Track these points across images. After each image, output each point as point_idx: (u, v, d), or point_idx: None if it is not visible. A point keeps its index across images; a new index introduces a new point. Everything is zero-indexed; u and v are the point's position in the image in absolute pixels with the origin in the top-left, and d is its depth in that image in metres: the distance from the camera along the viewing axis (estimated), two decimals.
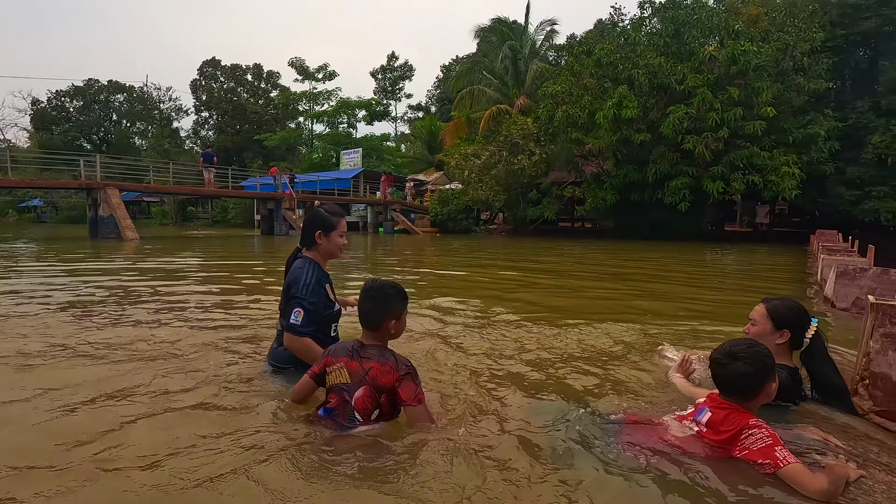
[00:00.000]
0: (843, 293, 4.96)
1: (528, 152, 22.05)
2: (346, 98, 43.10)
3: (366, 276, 7.23)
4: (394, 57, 54.10)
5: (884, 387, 2.23)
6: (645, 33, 20.16)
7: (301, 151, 45.12)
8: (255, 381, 2.49)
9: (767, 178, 17.15)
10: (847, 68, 20.82)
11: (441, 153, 33.79)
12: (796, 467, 1.57)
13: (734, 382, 1.77)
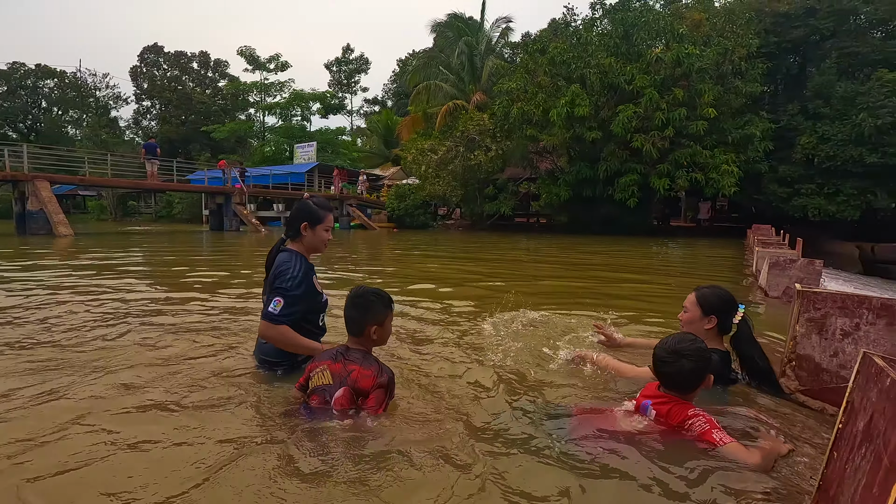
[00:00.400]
0: (774, 283, 5.31)
1: (484, 148, 22.25)
2: (300, 90, 41.91)
3: (325, 273, 7.09)
4: (349, 49, 53.15)
5: (808, 367, 2.40)
6: (596, 34, 20.75)
7: (252, 144, 43.55)
8: (230, 377, 2.44)
9: (709, 175, 18.10)
10: (779, 73, 22.23)
11: (398, 148, 33.55)
12: (732, 446, 1.67)
13: (679, 378, 1.86)
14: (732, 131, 18.68)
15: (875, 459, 1.03)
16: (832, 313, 2.33)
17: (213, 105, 46.35)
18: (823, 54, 20.76)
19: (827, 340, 2.34)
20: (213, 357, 2.80)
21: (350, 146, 40.81)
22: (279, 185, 27.83)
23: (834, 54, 20.25)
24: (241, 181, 22.44)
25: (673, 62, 17.99)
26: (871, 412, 1.13)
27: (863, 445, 1.13)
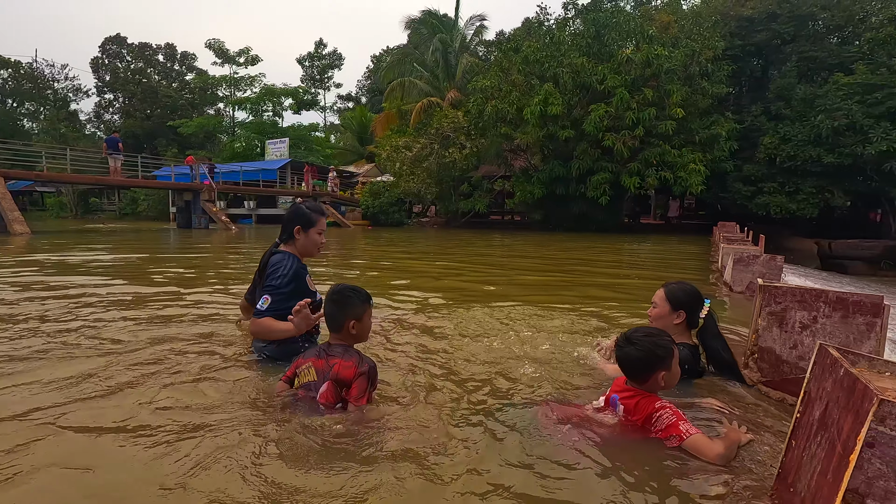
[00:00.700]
0: (739, 278, 5.49)
1: (459, 146, 22.27)
2: (271, 85, 41.14)
3: None
4: (322, 44, 52.40)
5: (769, 359, 2.49)
6: (569, 34, 21.01)
7: (222, 140, 42.49)
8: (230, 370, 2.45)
9: (677, 174, 18.57)
10: (743, 75, 22.98)
11: (372, 145, 33.27)
12: (697, 437, 1.71)
13: (625, 365, 1.91)
14: (699, 131, 19.21)
15: (829, 447, 1.07)
16: (792, 307, 2.42)
17: (179, 99, 45.00)
18: (784, 58, 21.55)
19: (787, 333, 2.43)
20: (195, 353, 2.72)
21: (323, 143, 40.27)
22: (250, 182, 27.26)
23: (794, 58, 21.05)
24: (210, 178, 21.87)
25: (643, 63, 18.37)
26: (827, 401, 1.17)
27: (818, 434, 1.17)
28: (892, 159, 17.08)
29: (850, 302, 2.29)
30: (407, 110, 29.62)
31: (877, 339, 2.25)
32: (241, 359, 2.68)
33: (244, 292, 3.24)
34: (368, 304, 2.11)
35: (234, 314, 3.78)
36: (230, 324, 3.51)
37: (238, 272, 6.85)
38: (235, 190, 26.46)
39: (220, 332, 3.25)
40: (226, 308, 4.11)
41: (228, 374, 2.43)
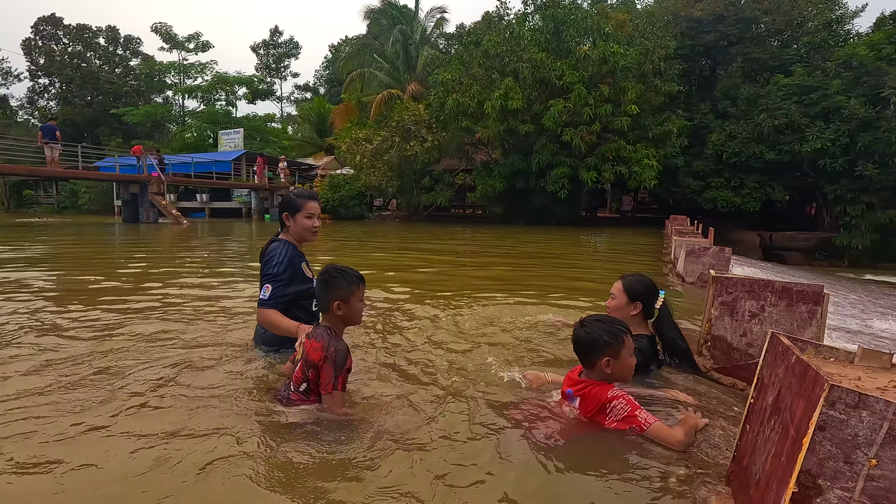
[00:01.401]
0: (690, 269, 5.74)
1: (420, 139, 22.14)
2: (224, 73, 39.48)
3: (243, 270, 6.76)
4: (277, 32, 50.74)
5: (721, 347, 2.61)
6: (528, 29, 21.21)
7: (171, 129, 40.50)
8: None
9: (632, 169, 19.18)
10: (693, 74, 23.90)
11: (331, 137, 32.57)
12: (656, 426, 1.77)
13: (576, 347, 1.97)
14: (653, 127, 19.88)
15: (783, 431, 1.13)
16: (742, 296, 2.54)
17: (124, 86, 42.46)
18: (730, 58, 22.57)
19: (737, 322, 2.55)
20: (174, 351, 2.57)
21: (280, 134, 39.10)
22: (203, 174, 26.13)
23: (739, 59, 22.08)
24: (160, 169, 20.83)
25: (599, 60, 18.79)
26: (779, 387, 1.23)
27: (772, 418, 1.23)
28: (825, 157, 18.25)
29: (794, 291, 2.43)
30: (367, 102, 29.13)
31: (817, 325, 2.40)
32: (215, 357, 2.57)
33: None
34: (356, 285, 2.04)
35: (204, 310, 3.62)
36: (182, 324, 3.36)
37: (197, 267, 6.56)
38: (187, 182, 25.35)
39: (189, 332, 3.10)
40: (185, 300, 3.93)
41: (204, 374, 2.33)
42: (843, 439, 0.94)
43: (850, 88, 18.28)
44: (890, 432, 0.90)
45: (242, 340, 2.94)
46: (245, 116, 38.55)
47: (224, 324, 3.40)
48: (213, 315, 3.66)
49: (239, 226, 19.17)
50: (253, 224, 21.09)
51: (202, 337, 3.05)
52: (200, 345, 2.88)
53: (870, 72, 18.12)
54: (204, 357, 2.64)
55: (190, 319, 3.50)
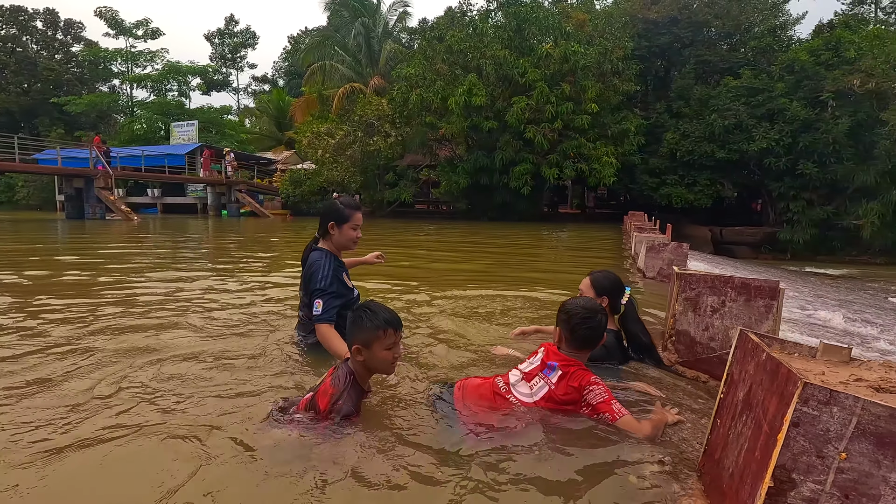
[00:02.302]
0: (651, 264, 5.93)
1: (383, 134, 21.90)
2: (176, 62, 37.71)
3: (201, 270, 6.52)
4: (233, 20, 48.93)
5: (685, 341, 2.70)
6: (491, 25, 21.32)
7: (118, 120, 38.41)
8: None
9: (592, 166, 19.66)
10: (649, 75, 24.69)
11: (292, 130, 31.76)
12: (627, 419, 1.81)
13: (593, 335, 2.00)
14: (612, 126, 20.43)
15: (756, 426, 1.17)
16: (704, 292, 2.63)
17: (65, 73, 39.92)
18: (684, 60, 23.45)
19: (700, 317, 2.65)
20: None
21: (237, 126, 37.80)
22: (154, 168, 24.95)
23: (692, 61, 22.97)
24: (106, 162, 19.74)
25: (561, 58, 19.12)
26: (750, 383, 1.28)
27: (744, 413, 1.27)
28: (770, 156, 19.27)
29: (752, 287, 2.54)
30: (328, 95, 28.54)
31: (773, 319, 2.52)
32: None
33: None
34: (382, 330, 1.77)
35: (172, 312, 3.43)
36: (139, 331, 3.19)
37: (150, 265, 6.24)
38: (136, 176, 24.18)
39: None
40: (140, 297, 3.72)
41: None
42: (816, 434, 0.98)
43: (793, 91, 19.37)
44: (858, 426, 0.94)
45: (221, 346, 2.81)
46: (199, 108, 37.00)
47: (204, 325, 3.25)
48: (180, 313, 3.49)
49: (195, 222, 18.41)
50: (209, 221, 20.32)
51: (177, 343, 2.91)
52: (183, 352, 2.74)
53: (810, 76, 19.25)
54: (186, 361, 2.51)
55: (162, 327, 3.33)
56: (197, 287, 4.85)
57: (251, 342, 2.94)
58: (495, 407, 1.94)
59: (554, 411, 1.90)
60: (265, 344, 2.88)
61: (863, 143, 18.20)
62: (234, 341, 2.96)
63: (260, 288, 4.85)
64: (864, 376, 1.22)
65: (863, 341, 5.50)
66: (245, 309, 3.85)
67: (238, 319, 3.50)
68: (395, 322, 1.81)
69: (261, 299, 4.26)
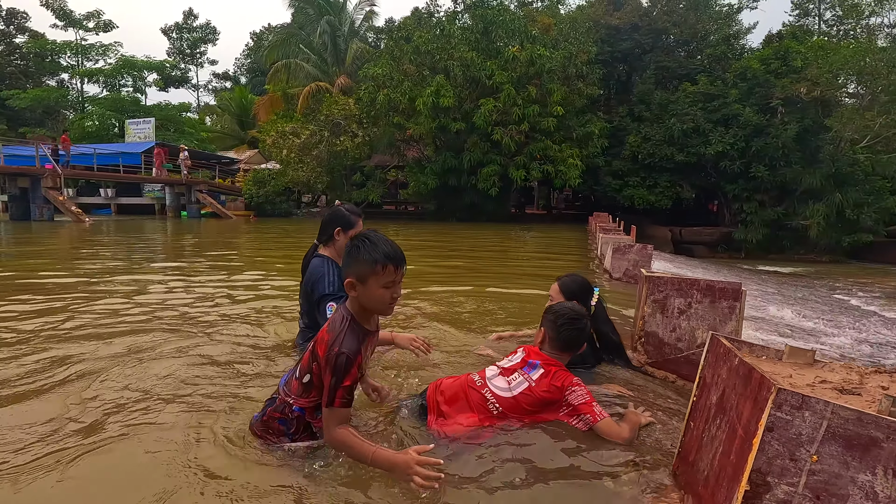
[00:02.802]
0: (617, 265, 6.07)
1: (350, 134, 21.64)
2: (131, 56, 36.09)
3: (160, 273, 6.26)
4: (192, 15, 47.29)
5: (654, 343, 2.77)
6: (458, 27, 21.40)
7: (67, 117, 36.48)
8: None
9: (558, 167, 20.01)
10: (612, 79, 25.35)
11: (255, 129, 30.96)
12: (608, 422, 1.84)
13: (582, 338, 2.05)
14: (576, 128, 20.86)
15: (730, 430, 1.20)
16: (671, 294, 2.71)
17: (7, 65, 37.66)
18: (644, 66, 24.20)
19: (668, 318, 2.72)
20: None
21: (197, 124, 36.51)
22: (106, 167, 23.81)
23: (652, 66, 23.73)
24: (55, 161, 18.71)
25: (527, 61, 19.39)
26: (723, 388, 1.31)
27: (717, 417, 1.31)
28: (725, 159, 20.13)
29: (716, 288, 2.63)
30: (293, 94, 27.96)
31: (737, 319, 2.62)
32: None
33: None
34: (381, 265, 1.55)
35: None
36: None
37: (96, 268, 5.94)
38: (88, 175, 23.01)
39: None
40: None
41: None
42: (789, 438, 1.01)
43: (746, 98, 20.29)
44: (828, 430, 0.98)
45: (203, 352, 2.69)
46: (156, 105, 35.55)
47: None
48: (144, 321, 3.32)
49: (152, 224, 17.66)
50: (168, 222, 19.54)
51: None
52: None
53: (761, 83, 20.21)
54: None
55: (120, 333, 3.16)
56: (157, 291, 4.65)
57: (236, 348, 2.83)
58: (468, 401, 1.90)
59: (525, 411, 1.89)
60: (253, 353, 2.79)
61: (809, 147, 19.25)
62: (212, 347, 2.85)
63: (230, 289, 4.69)
64: (828, 378, 1.28)
65: (811, 335, 5.81)
66: (229, 312, 3.71)
67: (229, 324, 3.37)
68: (395, 257, 1.58)
69: (231, 302, 4.12)
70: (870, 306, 9.53)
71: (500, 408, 1.89)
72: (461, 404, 1.91)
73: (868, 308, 9.26)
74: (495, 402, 1.90)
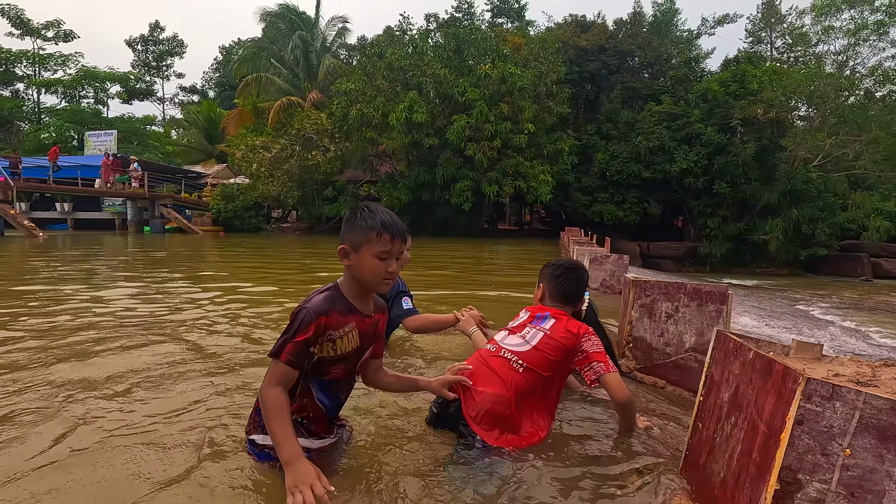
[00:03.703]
0: (594, 276, 6.10)
1: (322, 148, 21.44)
2: (92, 67, 34.94)
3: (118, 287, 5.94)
4: (158, 27, 46.34)
5: (642, 348, 2.73)
6: (431, 45, 21.65)
7: (21, 128, 34.88)
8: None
9: (530, 183, 20.29)
10: (580, 98, 26.07)
11: (223, 143, 30.32)
12: (616, 376, 1.83)
13: (581, 287, 2.10)
14: (547, 145, 21.27)
15: (749, 427, 1.14)
16: (659, 299, 2.69)
17: None
18: (611, 86, 25.00)
19: (655, 323, 2.69)
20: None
21: (162, 138, 35.49)
22: (64, 180, 22.76)
23: (618, 86, 24.53)
24: (11, 174, 17.76)
25: (499, 79, 19.73)
26: (737, 384, 1.26)
27: (731, 414, 1.25)
28: (689, 176, 20.85)
29: (703, 292, 2.62)
30: (264, 108, 27.57)
31: (724, 322, 2.61)
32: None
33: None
34: (375, 232, 1.43)
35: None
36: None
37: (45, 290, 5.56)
38: (43, 189, 21.94)
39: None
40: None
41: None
42: (820, 431, 0.95)
43: (707, 118, 21.17)
44: (861, 421, 0.93)
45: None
46: (118, 117, 34.41)
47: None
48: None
49: (111, 239, 16.88)
50: (129, 237, 18.73)
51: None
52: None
53: (721, 104, 21.14)
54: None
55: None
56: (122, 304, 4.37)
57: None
58: (492, 370, 1.82)
59: (549, 361, 1.82)
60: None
61: (767, 165, 20.16)
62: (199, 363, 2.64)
63: (211, 303, 4.45)
64: (841, 371, 1.24)
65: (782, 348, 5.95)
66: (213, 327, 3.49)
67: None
68: (393, 227, 1.46)
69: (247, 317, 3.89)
70: (827, 315, 9.93)
71: (523, 363, 1.81)
72: (486, 377, 1.80)
73: (826, 318, 9.64)
74: (517, 359, 1.83)
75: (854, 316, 9.96)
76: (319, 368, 1.48)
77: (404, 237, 1.51)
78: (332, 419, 1.63)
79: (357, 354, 1.55)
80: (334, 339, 1.46)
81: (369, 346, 1.60)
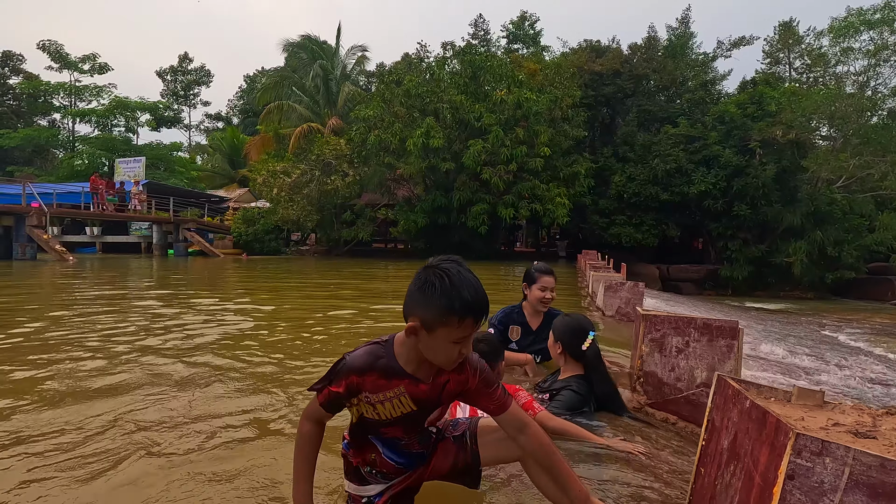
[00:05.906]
0: (609, 303, 6.07)
1: (341, 173, 21.91)
2: (124, 98, 36.57)
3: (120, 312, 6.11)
4: (187, 58, 48.43)
5: (652, 382, 2.72)
6: (448, 72, 22.16)
7: (56, 155, 36.50)
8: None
9: (546, 206, 20.34)
10: (596, 122, 26.22)
11: (246, 168, 31.22)
12: (544, 413, 1.99)
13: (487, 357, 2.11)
14: (563, 168, 21.36)
15: (746, 477, 1.15)
16: (669, 333, 2.68)
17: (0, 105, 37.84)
18: (627, 109, 25.12)
19: (666, 357, 2.68)
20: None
21: (188, 164, 36.72)
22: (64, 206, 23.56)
23: (634, 110, 24.63)
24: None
25: (514, 104, 20.02)
26: (735, 431, 1.27)
27: (731, 463, 1.26)
28: (708, 198, 20.65)
29: (713, 327, 2.61)
30: (285, 134, 28.44)
31: (735, 358, 2.59)
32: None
33: None
34: (458, 317, 1.16)
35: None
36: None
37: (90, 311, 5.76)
38: (75, 214, 22.78)
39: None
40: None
41: None
42: (811, 487, 0.97)
43: (725, 140, 21.04)
44: (851, 477, 0.94)
45: None
46: (147, 144, 35.82)
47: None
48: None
49: (137, 262, 17.40)
50: (154, 260, 19.27)
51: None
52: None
53: (738, 126, 21.03)
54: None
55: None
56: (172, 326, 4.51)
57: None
58: None
59: None
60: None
61: (788, 187, 19.86)
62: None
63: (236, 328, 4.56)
64: (841, 420, 1.24)
65: (806, 374, 5.79)
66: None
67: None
68: (479, 308, 1.19)
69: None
70: (855, 342, 9.62)
71: None
72: None
73: (853, 343, 9.34)
74: None
75: (882, 342, 9.63)
76: (371, 427, 1.32)
77: (487, 314, 1.24)
78: (415, 465, 1.42)
79: (417, 416, 1.31)
80: (373, 402, 1.26)
81: (433, 409, 1.33)
